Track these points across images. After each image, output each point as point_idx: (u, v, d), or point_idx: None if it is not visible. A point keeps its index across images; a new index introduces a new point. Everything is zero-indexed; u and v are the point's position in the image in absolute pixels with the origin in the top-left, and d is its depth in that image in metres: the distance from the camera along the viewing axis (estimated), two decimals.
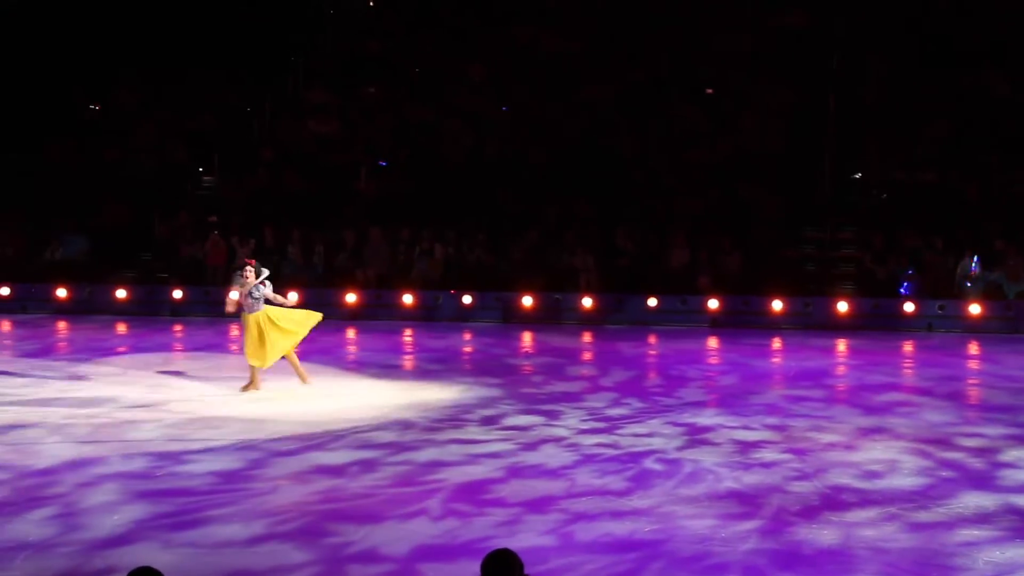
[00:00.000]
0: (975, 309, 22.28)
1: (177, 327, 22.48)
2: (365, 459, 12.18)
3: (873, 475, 11.64)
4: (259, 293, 15.54)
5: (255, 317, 15.44)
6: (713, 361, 19.82)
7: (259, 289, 15.55)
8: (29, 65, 28.01)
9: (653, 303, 23.00)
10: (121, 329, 22.24)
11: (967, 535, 9.78)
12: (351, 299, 23.58)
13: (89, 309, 23.81)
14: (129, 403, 14.92)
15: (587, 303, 23.18)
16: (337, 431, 13.43)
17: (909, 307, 22.52)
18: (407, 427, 13.69)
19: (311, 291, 23.85)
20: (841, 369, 19.20)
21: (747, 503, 10.62)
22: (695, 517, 10.20)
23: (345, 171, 27.08)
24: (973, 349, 20.75)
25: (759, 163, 25.98)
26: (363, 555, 9.28)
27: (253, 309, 15.50)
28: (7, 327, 22.40)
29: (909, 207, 24.84)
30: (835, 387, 17.18)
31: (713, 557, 9.21)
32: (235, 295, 15.86)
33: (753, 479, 11.45)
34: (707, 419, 14.24)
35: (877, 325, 22.41)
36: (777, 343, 21.15)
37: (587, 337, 21.75)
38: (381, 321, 23.15)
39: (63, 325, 22.59)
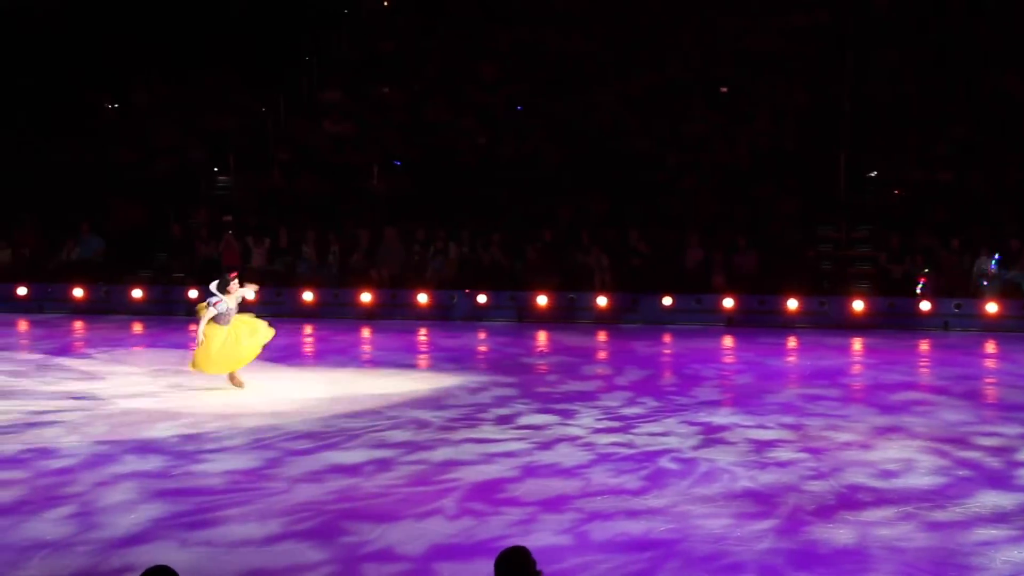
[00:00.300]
0: (992, 308, 22.20)
1: (193, 327, 22.45)
2: (380, 458, 12.19)
3: (889, 474, 11.61)
4: (235, 304, 15.49)
5: (227, 329, 15.44)
6: (728, 360, 19.78)
7: (236, 300, 15.51)
8: (47, 65, 28.10)
9: (668, 302, 22.97)
10: (137, 328, 22.30)
11: (984, 534, 9.75)
12: (366, 299, 23.61)
13: (105, 309, 23.88)
14: (145, 402, 14.97)
15: (602, 302, 23.16)
16: (352, 430, 13.45)
17: (925, 306, 22.45)
18: (422, 426, 13.70)
19: (326, 291, 23.91)
20: (857, 368, 19.15)
21: (763, 502, 10.60)
22: (710, 516, 10.19)
23: (359, 171, 27.12)
24: (990, 348, 20.68)
25: (774, 162, 25.94)
26: (379, 554, 9.29)
27: (228, 321, 15.44)
28: (24, 326, 22.48)
29: (925, 206, 24.77)
30: (851, 386, 17.13)
31: (729, 556, 9.20)
32: (232, 302, 15.68)
33: (769, 478, 11.44)
34: (722, 418, 14.22)
35: (893, 324, 22.35)
36: (792, 342, 21.11)
37: (602, 336, 21.74)
38: (396, 320, 23.18)
39: (80, 324, 22.67)
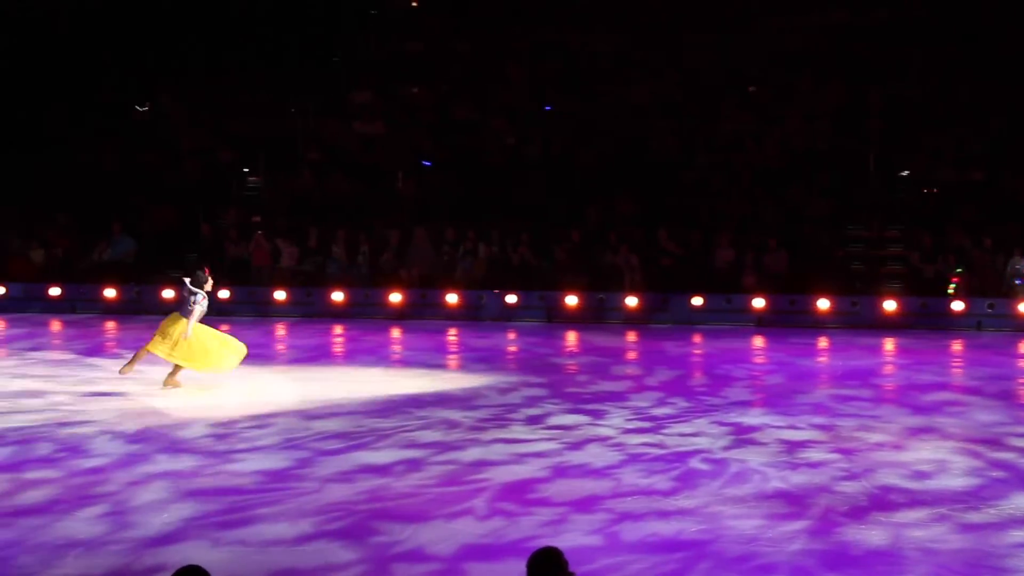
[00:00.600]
0: None
1: (223, 327, 22.55)
2: (410, 458, 12.20)
3: (922, 475, 11.54)
4: (190, 305, 15.50)
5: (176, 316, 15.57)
6: (759, 360, 19.71)
7: (192, 301, 15.51)
8: (79, 68, 28.26)
9: (698, 302, 22.91)
10: None
11: (1019, 536, 9.68)
12: (395, 299, 23.64)
13: (137, 309, 24.00)
14: (177, 402, 15.03)
15: (631, 302, 23.12)
16: (382, 430, 13.46)
17: (958, 306, 22.31)
18: (452, 426, 13.70)
19: (356, 291, 23.96)
20: (889, 368, 19.05)
21: (794, 503, 10.56)
22: (742, 517, 10.15)
23: (389, 171, 27.17)
24: (1023, 348, 20.54)
25: (805, 162, 25.84)
26: (409, 554, 9.29)
27: (182, 311, 15.50)
28: (57, 327, 22.61)
29: (957, 205, 24.62)
30: (883, 386, 17.04)
31: (760, 557, 9.16)
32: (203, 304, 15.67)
33: (800, 479, 11.38)
34: (753, 419, 14.17)
35: (925, 324, 22.22)
36: (824, 342, 21.01)
37: (632, 336, 21.70)
38: (425, 321, 23.20)
39: (112, 325, 22.78)
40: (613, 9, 29.68)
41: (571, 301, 23.21)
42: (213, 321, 23.02)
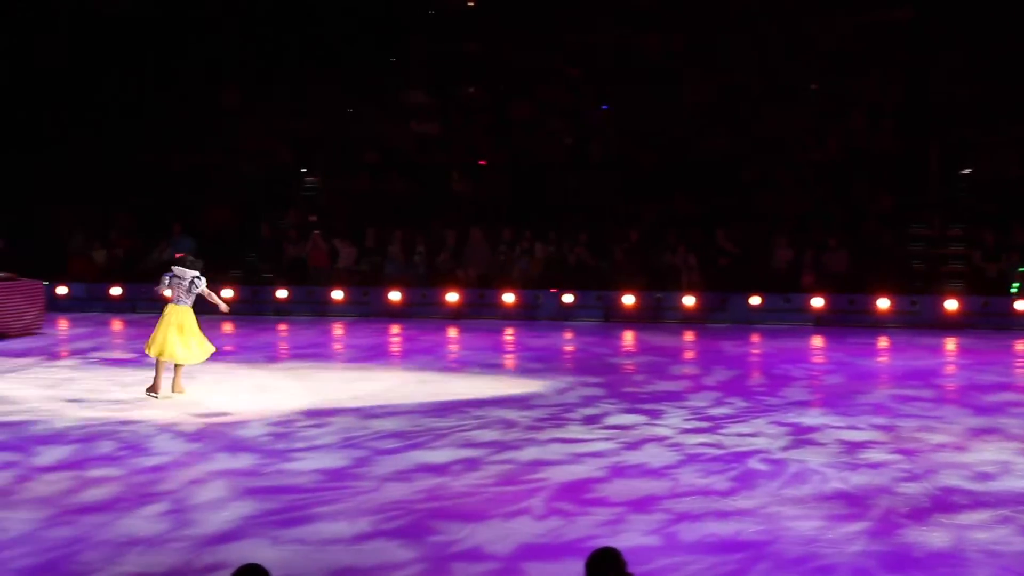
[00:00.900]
0: None
1: (281, 326, 22.77)
2: (468, 458, 12.21)
3: (985, 476, 11.39)
4: (195, 288, 15.28)
5: (183, 309, 15.24)
6: (818, 360, 19.56)
7: (196, 284, 15.27)
8: (139, 69, 28.54)
9: (756, 302, 22.78)
10: (227, 328, 22.56)
11: None
12: (452, 298, 23.69)
13: (196, 309, 24.08)
14: (236, 401, 15.14)
15: (689, 302, 23.03)
16: (440, 430, 13.49)
17: (1021, 305, 22.02)
18: (509, 426, 13.70)
19: (413, 291, 24.03)
20: (950, 368, 18.84)
21: (855, 504, 10.46)
22: (801, 518, 10.07)
23: (446, 171, 27.23)
24: None
25: (866, 160, 25.61)
26: (467, 554, 9.30)
27: (184, 301, 15.26)
28: (118, 326, 22.85)
29: (1020, 203, 24.30)
30: (944, 387, 16.86)
31: (820, 559, 9.08)
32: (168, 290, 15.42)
33: (860, 480, 11.28)
34: (812, 419, 14.06)
35: (987, 324, 21.96)
36: (884, 342, 20.82)
37: (689, 336, 21.61)
38: (482, 320, 23.22)
39: None
40: (671, 7, 29.55)
41: (628, 301, 23.15)
42: (271, 320, 23.24)
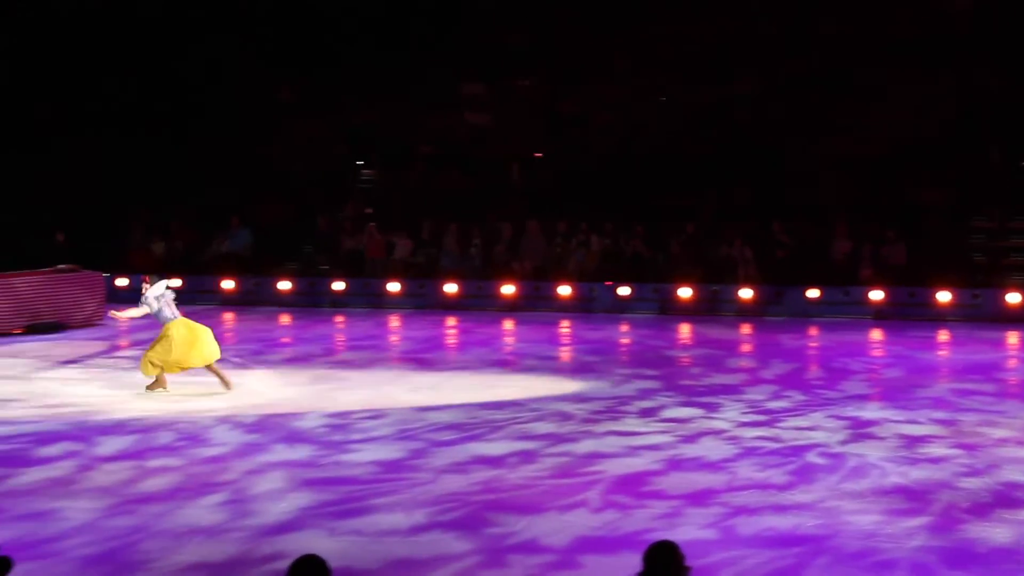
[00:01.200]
0: None
1: (338, 318, 22.88)
2: (524, 450, 12.21)
3: None
4: (164, 302, 14.91)
5: (176, 323, 14.86)
6: (877, 354, 19.38)
7: (161, 299, 14.88)
8: (197, 61, 28.75)
9: (814, 294, 22.60)
10: (284, 320, 22.71)
11: None
12: (508, 291, 23.69)
13: (254, 301, 24.37)
14: (293, 392, 15.23)
15: (746, 295, 22.89)
16: (496, 422, 13.50)
17: None
18: (565, 418, 13.69)
19: (468, 283, 24.06)
20: (1012, 362, 18.60)
21: (915, 499, 10.36)
22: (860, 512, 9.98)
23: (500, 164, 27.22)
24: None
25: (926, 152, 25.32)
26: (524, 546, 9.30)
27: (171, 317, 14.89)
28: None
29: None
30: (1006, 381, 16.65)
31: (880, 554, 9.00)
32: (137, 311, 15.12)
33: (920, 475, 11.17)
34: (871, 413, 13.94)
35: None
36: (944, 335, 20.59)
37: (746, 329, 21.48)
38: (538, 313, 23.20)
39: (229, 316, 23.16)
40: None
41: (684, 293, 23.05)
42: (328, 312, 23.36)
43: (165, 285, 15.02)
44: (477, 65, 29.42)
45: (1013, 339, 20.24)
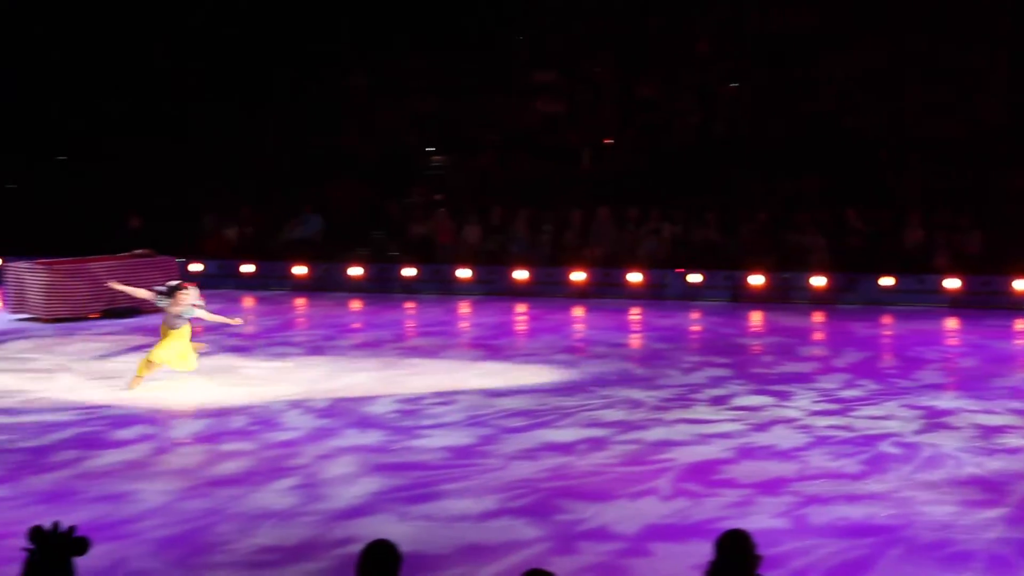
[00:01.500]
0: None
1: (408, 304, 22.98)
2: (594, 437, 12.21)
3: None
4: (185, 313, 14.67)
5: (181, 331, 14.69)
6: (952, 343, 19.13)
7: (185, 311, 14.64)
8: (269, 50, 28.96)
9: (888, 282, 22.33)
10: (355, 306, 22.85)
11: None
12: (578, 277, 23.65)
13: (325, 286, 24.54)
14: (364, 378, 15.32)
15: (818, 282, 22.66)
16: (565, 409, 13.49)
17: None
18: (635, 406, 13.65)
19: (538, 270, 24.06)
20: None
21: (991, 490, 10.22)
22: (935, 503, 9.87)
23: (572, 150, 27.17)
24: None
25: (1001, 138, 24.91)
26: (594, 533, 9.30)
27: (178, 326, 14.65)
28: (250, 303, 23.28)
29: None
30: None
31: (955, 545, 8.90)
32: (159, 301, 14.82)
33: (997, 465, 11.01)
34: (946, 402, 13.76)
35: None
36: (1022, 325, 20.26)
37: (818, 317, 21.27)
38: (608, 299, 23.14)
39: (301, 302, 23.35)
40: None
41: (756, 281, 22.87)
42: (398, 298, 23.48)
43: (194, 305, 14.77)
44: (549, 52, 29.37)
45: None
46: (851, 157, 25.07)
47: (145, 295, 15.01)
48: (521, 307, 22.43)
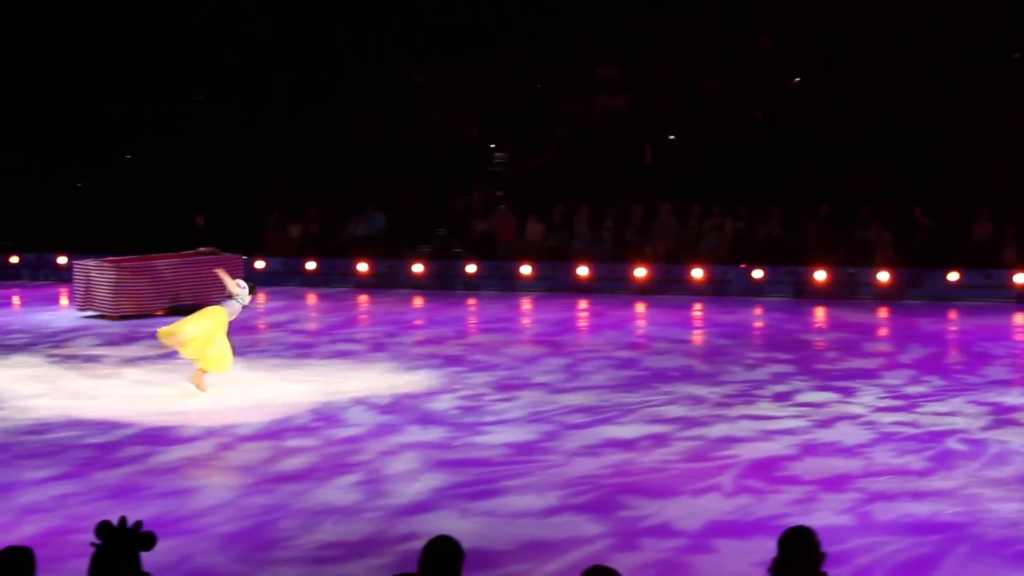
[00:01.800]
0: None
1: (471, 301, 23.02)
2: (656, 433, 12.18)
3: None
4: (236, 304, 14.50)
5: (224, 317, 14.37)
6: (1020, 338, 18.87)
7: (237, 300, 14.46)
8: (337, 49, 29.15)
9: (954, 278, 22.06)
10: (418, 303, 22.92)
11: None
12: (640, 274, 23.58)
13: (387, 283, 24.64)
14: (425, 375, 15.37)
15: (883, 278, 22.44)
16: (628, 405, 13.47)
17: None
18: (698, 402, 13.60)
19: (600, 266, 24.02)
20: None
21: None
22: (1002, 500, 9.75)
23: (634, 146, 27.08)
24: None
25: None
26: (656, 529, 9.28)
27: (230, 311, 14.43)
28: (313, 300, 23.43)
29: None
30: None
31: (1023, 543, 8.78)
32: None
33: None
34: (1015, 399, 13.58)
35: None
36: None
37: (883, 313, 21.06)
38: (670, 296, 23.06)
39: (364, 299, 23.46)
40: None
41: (820, 276, 22.68)
42: (461, 295, 23.54)
43: (241, 305, 14.57)
44: (613, 47, 29.31)
45: None
46: (917, 153, 24.79)
47: (235, 289, 15.17)
48: (583, 303, 22.40)
